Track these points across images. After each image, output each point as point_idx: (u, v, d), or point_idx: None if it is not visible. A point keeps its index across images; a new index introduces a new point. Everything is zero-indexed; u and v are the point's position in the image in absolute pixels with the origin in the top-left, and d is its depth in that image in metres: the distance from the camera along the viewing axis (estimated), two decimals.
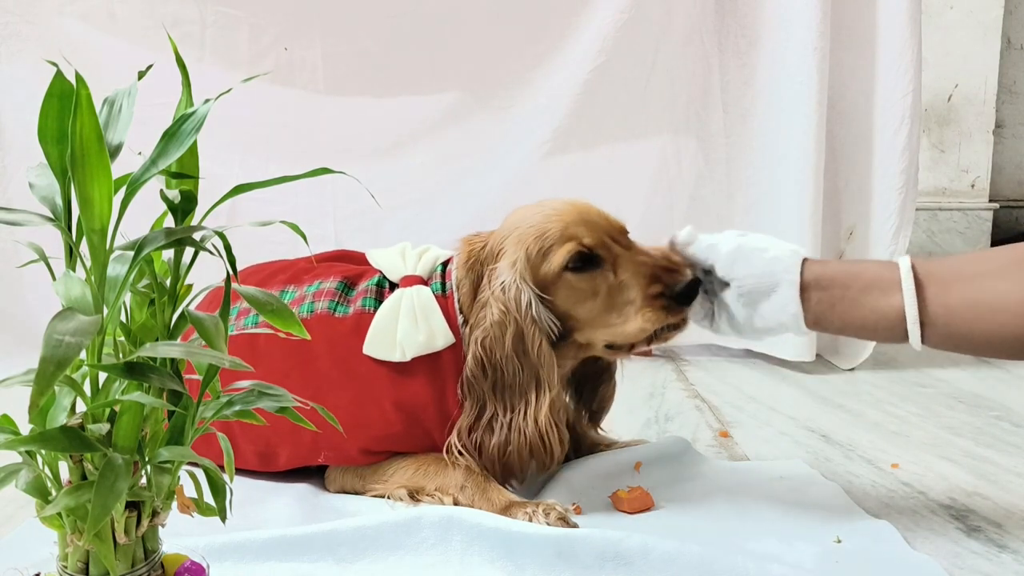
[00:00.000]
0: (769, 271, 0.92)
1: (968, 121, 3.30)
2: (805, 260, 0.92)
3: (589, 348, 1.05)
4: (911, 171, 1.68)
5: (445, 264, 1.09)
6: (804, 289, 0.90)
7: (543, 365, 0.99)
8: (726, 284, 0.96)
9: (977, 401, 1.52)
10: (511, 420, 0.98)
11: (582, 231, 1.00)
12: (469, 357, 1.00)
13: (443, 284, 1.06)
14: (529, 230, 1.01)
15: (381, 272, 1.10)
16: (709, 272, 0.99)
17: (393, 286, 1.08)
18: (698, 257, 0.99)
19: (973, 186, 3.35)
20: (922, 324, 0.84)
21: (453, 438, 1.01)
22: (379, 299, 1.06)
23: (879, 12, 1.67)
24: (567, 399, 1.12)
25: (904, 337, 0.86)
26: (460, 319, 1.04)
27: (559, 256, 0.99)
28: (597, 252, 1.00)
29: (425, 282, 1.07)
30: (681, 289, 0.98)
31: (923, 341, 0.85)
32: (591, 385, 1.14)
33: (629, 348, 1.04)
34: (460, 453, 1.00)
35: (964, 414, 1.44)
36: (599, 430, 1.22)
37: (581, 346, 1.04)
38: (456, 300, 1.05)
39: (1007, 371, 1.73)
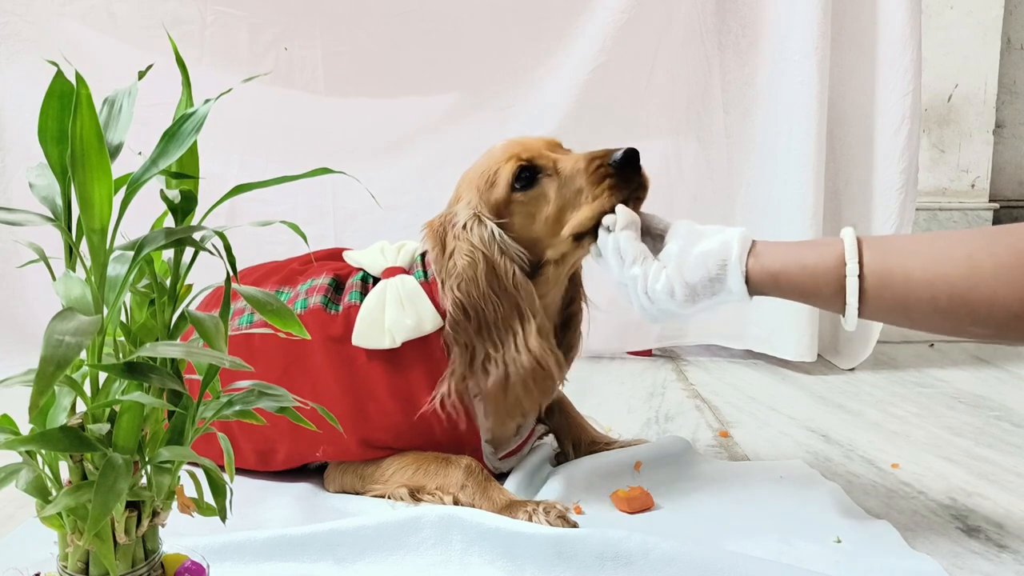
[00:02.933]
0: (717, 262, 0.90)
1: (968, 121, 3.30)
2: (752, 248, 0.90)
3: (564, 261, 1.04)
4: (911, 171, 1.68)
5: (424, 255, 1.09)
6: (748, 285, 0.89)
7: (521, 294, 1.00)
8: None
9: (977, 401, 1.52)
10: (503, 355, 0.99)
11: (518, 150, 1.03)
12: (448, 305, 1.01)
13: (424, 272, 1.07)
14: (474, 171, 1.05)
15: (363, 269, 1.11)
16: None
17: (376, 280, 1.08)
18: (653, 223, 0.99)
19: (973, 186, 3.35)
20: (861, 278, 0.82)
21: (444, 388, 1.01)
22: (364, 292, 1.07)
23: (879, 12, 1.67)
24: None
25: (841, 292, 0.83)
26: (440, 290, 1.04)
27: (503, 177, 1.01)
28: (537, 163, 1.02)
29: (407, 272, 1.07)
30: (620, 157, 0.98)
31: (861, 296, 0.82)
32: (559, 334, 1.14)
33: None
34: (454, 405, 1.00)
35: (964, 414, 1.44)
36: (598, 428, 1.23)
37: (556, 264, 1.04)
38: (424, 269, 1.06)
39: (1007, 371, 1.73)
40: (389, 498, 1.03)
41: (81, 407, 0.55)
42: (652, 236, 0.99)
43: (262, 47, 1.77)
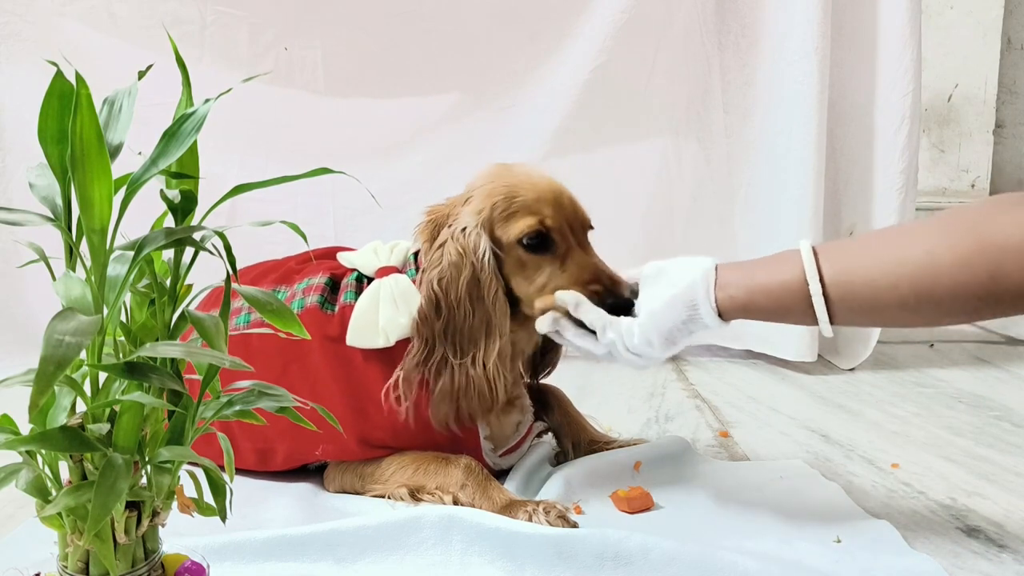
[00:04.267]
0: (686, 315, 0.91)
1: (968, 121, 3.30)
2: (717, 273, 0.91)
3: (530, 316, 1.04)
4: (911, 171, 1.68)
5: (417, 254, 1.09)
6: (720, 316, 0.90)
7: (496, 312, 1.00)
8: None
9: (977, 401, 1.52)
10: (460, 364, 0.99)
11: (548, 211, 1.01)
12: (423, 297, 1.01)
13: (417, 270, 1.07)
14: (501, 188, 1.02)
15: (357, 270, 1.11)
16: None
17: (371, 280, 1.09)
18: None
19: (973, 186, 3.35)
20: (825, 293, 0.83)
21: (399, 371, 1.01)
22: (359, 292, 1.07)
23: (879, 12, 1.67)
24: (520, 357, 1.11)
25: (810, 309, 0.84)
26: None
27: (519, 226, 1.00)
28: (554, 237, 1.01)
29: (400, 271, 1.07)
30: (618, 301, 0.97)
31: (829, 309, 0.83)
32: (540, 350, 1.15)
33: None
34: (402, 395, 1.00)
35: (964, 414, 1.44)
36: (598, 428, 1.23)
37: (528, 317, 1.04)
38: (417, 268, 1.06)
39: (1007, 371, 1.73)
40: (389, 498, 1.03)
41: (81, 407, 0.55)
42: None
43: (262, 47, 1.78)
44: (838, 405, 1.51)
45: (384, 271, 1.08)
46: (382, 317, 1.03)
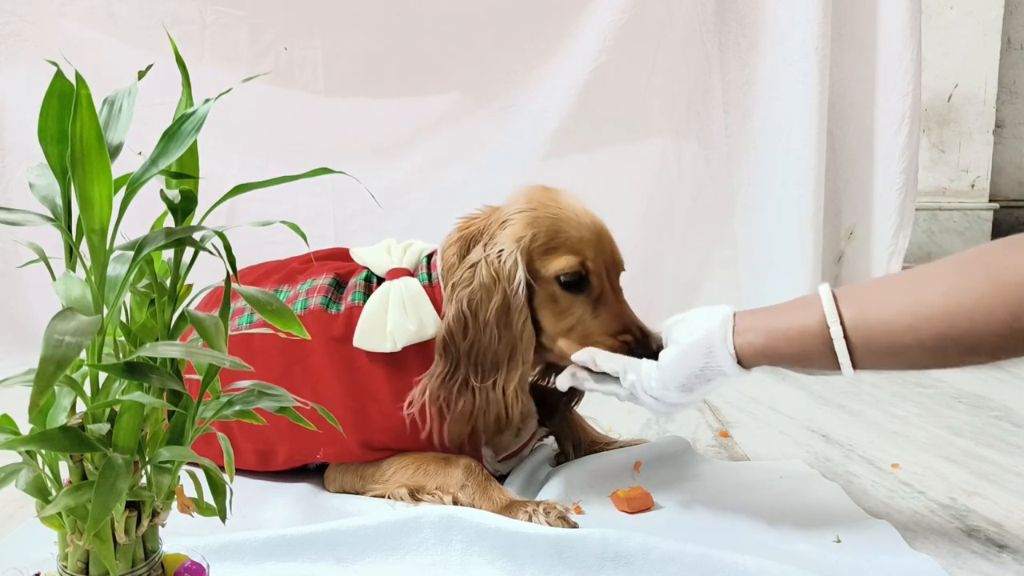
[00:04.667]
0: (702, 364, 0.90)
1: (968, 121, 3.30)
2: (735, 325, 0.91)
3: (550, 355, 1.04)
4: (911, 171, 1.68)
5: (430, 256, 1.09)
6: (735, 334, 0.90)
7: (522, 340, 0.99)
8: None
9: (977, 401, 1.52)
10: (482, 387, 0.99)
11: (590, 252, 1.00)
12: (451, 313, 0.99)
13: (429, 274, 1.07)
14: (545, 218, 1.01)
15: (368, 268, 1.10)
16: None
17: (380, 280, 1.08)
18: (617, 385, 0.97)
19: (973, 186, 3.35)
20: (846, 338, 0.83)
21: (424, 386, 1.00)
22: (367, 293, 1.07)
23: (879, 12, 1.67)
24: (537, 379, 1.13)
25: (832, 354, 0.84)
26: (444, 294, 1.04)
27: (559, 264, 0.99)
28: (591, 279, 1.00)
29: (412, 274, 1.07)
30: (647, 354, 0.97)
31: (851, 354, 0.83)
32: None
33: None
34: (426, 410, 1.00)
35: (964, 414, 1.44)
36: (598, 428, 1.23)
37: (546, 349, 1.04)
38: (439, 267, 1.05)
39: (1007, 371, 1.73)
40: (389, 498, 1.02)
41: (81, 407, 0.55)
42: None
43: (262, 47, 1.78)
44: (838, 405, 1.51)
45: (395, 273, 1.07)
46: (390, 321, 1.02)
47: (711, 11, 1.76)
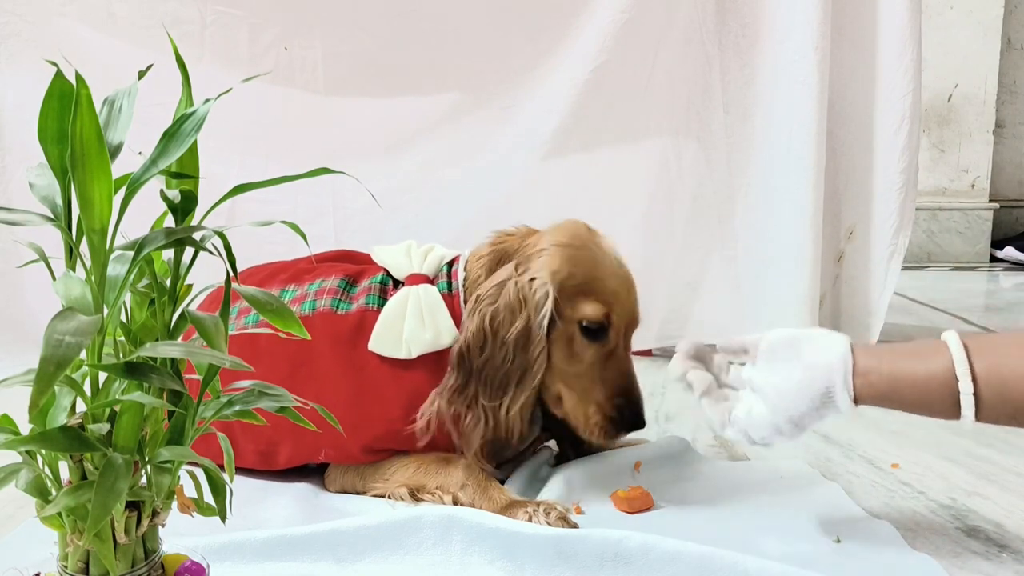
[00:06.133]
0: (820, 395, 0.86)
1: (968, 121, 3.30)
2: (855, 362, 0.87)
3: (545, 392, 1.05)
4: (911, 171, 1.68)
5: (451, 264, 1.09)
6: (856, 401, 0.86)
7: (533, 367, 0.99)
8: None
9: None
10: (491, 407, 0.99)
11: (619, 307, 1.01)
12: (471, 327, 0.99)
13: (449, 283, 1.06)
14: (584, 259, 1.01)
15: (385, 270, 1.10)
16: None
17: (397, 284, 1.08)
18: (731, 345, 0.95)
19: (973, 186, 3.35)
20: (976, 393, 0.81)
21: (434, 407, 1.00)
22: (383, 296, 1.06)
23: (879, 12, 1.67)
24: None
25: (956, 405, 0.82)
26: (466, 316, 1.03)
27: (586, 309, 1.00)
28: (610, 333, 1.01)
29: (431, 281, 1.07)
30: (634, 420, 1.01)
31: (977, 406, 0.81)
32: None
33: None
34: (431, 419, 1.00)
35: None
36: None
37: (544, 385, 1.04)
38: (463, 302, 1.04)
39: None
40: (389, 497, 1.03)
41: (81, 407, 0.55)
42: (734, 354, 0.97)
43: (262, 47, 1.77)
44: None
45: (415, 279, 1.06)
46: (406, 329, 1.02)
47: (711, 11, 1.76)
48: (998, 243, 3.37)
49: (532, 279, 0.99)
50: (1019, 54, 3.42)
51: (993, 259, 3.34)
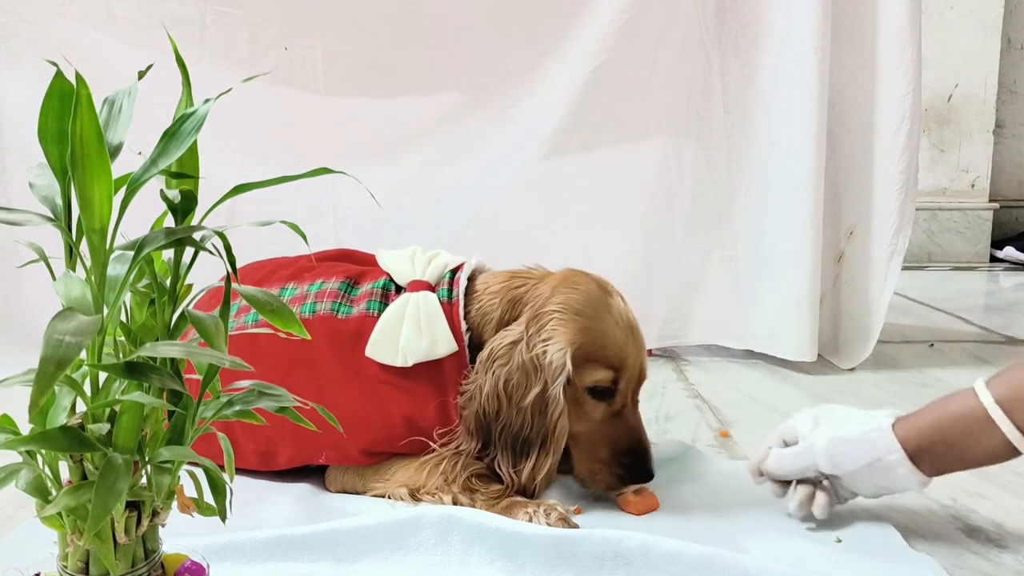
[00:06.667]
0: (873, 456, 0.91)
1: (968, 121, 3.30)
2: (894, 426, 0.92)
3: None
4: (911, 171, 1.68)
5: (454, 271, 1.08)
6: (913, 460, 0.90)
7: (556, 430, 0.99)
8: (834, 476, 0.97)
9: None
10: (515, 469, 0.99)
11: (626, 370, 1.02)
12: (487, 388, 0.99)
13: (450, 291, 1.06)
14: (594, 331, 1.01)
15: (388, 275, 1.09)
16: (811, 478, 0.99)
17: (399, 289, 1.07)
18: (798, 466, 0.97)
19: (973, 186, 3.35)
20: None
21: (450, 464, 1.01)
22: (384, 302, 1.06)
23: (879, 12, 1.67)
24: None
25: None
26: (464, 327, 1.03)
27: (594, 376, 1.01)
28: (618, 395, 1.03)
29: (432, 288, 1.06)
30: (642, 473, 1.02)
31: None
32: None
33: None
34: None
35: None
36: None
37: None
38: (462, 312, 1.05)
39: None
40: (389, 497, 1.02)
41: (81, 407, 0.55)
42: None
43: (262, 47, 1.77)
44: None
45: (416, 286, 1.06)
46: (403, 337, 1.02)
47: (711, 11, 1.76)
48: (998, 243, 3.37)
49: (547, 346, 0.99)
50: (1019, 54, 3.42)
51: (993, 259, 3.34)
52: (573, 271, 1.07)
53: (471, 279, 1.10)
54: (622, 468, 1.01)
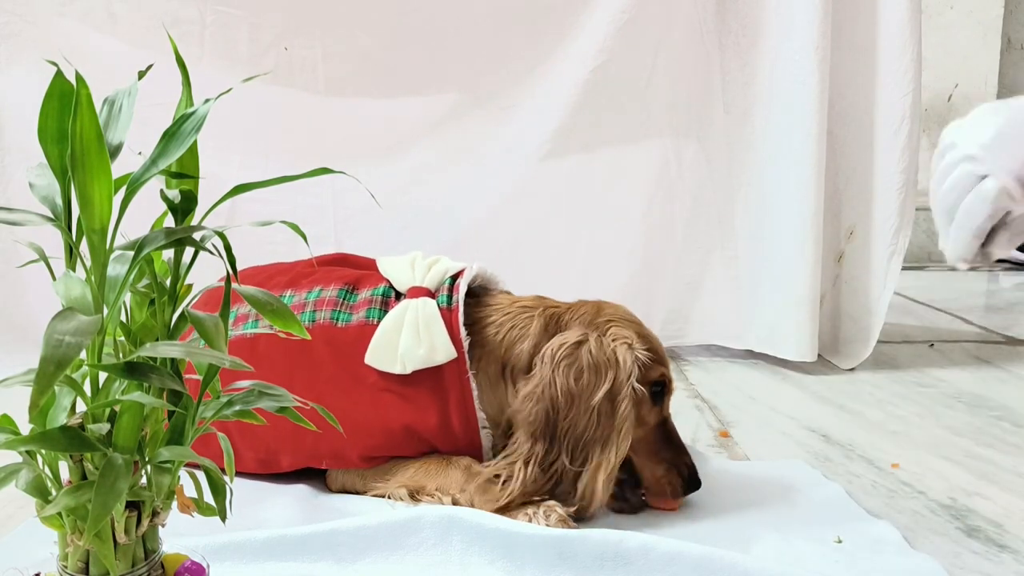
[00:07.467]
0: None
1: None
2: None
3: None
4: (911, 171, 1.68)
5: (454, 277, 1.08)
6: None
7: (620, 431, 0.97)
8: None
9: (977, 401, 1.52)
10: (581, 474, 0.97)
11: (670, 375, 1.06)
12: (560, 384, 0.97)
13: (450, 297, 1.05)
14: (646, 334, 1.05)
15: (388, 281, 1.09)
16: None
17: (399, 296, 1.07)
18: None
19: None
20: None
21: (514, 476, 0.97)
22: (384, 309, 1.05)
23: (879, 12, 1.67)
24: None
25: None
26: (463, 333, 1.03)
27: (656, 371, 1.02)
28: (667, 398, 1.05)
29: (432, 294, 1.06)
30: (695, 482, 1.03)
31: None
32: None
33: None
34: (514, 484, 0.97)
35: (964, 414, 1.44)
36: None
37: None
38: (462, 318, 1.04)
39: (1007, 371, 1.73)
40: (389, 498, 1.02)
41: (81, 407, 0.55)
42: None
43: (262, 47, 1.77)
44: (838, 405, 1.51)
45: (416, 292, 1.06)
46: (402, 344, 1.01)
47: (711, 11, 1.76)
48: None
49: (615, 344, 1.00)
50: (1019, 54, 3.42)
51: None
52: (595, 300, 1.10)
53: (487, 290, 1.10)
54: (679, 476, 1.02)
